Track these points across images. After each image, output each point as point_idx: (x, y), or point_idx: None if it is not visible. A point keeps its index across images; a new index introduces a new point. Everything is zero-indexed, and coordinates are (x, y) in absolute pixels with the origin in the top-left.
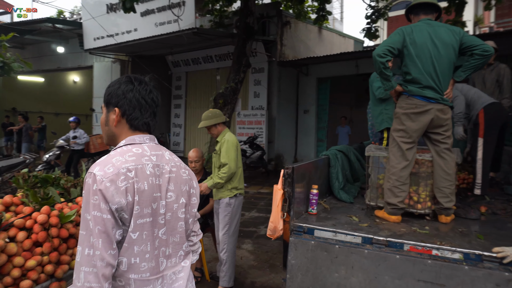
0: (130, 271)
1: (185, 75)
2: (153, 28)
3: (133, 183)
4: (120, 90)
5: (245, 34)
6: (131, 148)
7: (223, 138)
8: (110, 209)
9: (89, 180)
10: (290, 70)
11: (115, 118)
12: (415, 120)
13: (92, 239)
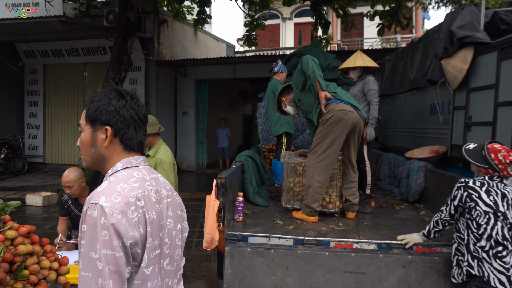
0: None
1: (43, 67)
2: (3, 10)
3: (143, 213)
4: (111, 105)
5: (125, 29)
6: (132, 173)
7: (157, 156)
8: (123, 245)
9: (93, 213)
10: (168, 70)
11: (106, 138)
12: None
13: (102, 282)
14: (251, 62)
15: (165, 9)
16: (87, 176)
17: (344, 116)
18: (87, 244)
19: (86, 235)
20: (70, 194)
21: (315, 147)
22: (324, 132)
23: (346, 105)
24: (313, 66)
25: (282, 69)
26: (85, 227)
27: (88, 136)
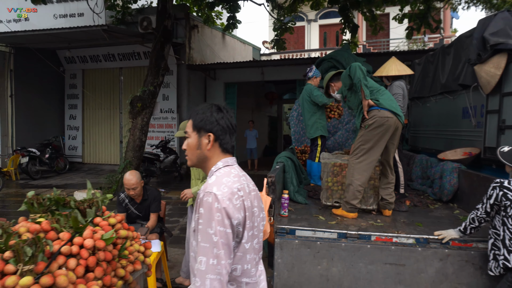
0: (243, 275)
1: (82, 72)
2: (51, 20)
3: (243, 201)
4: (213, 117)
5: (163, 37)
6: (230, 170)
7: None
8: (232, 224)
9: (209, 199)
10: (198, 74)
11: (209, 142)
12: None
13: (216, 251)
14: (279, 65)
15: (195, 15)
16: None
17: (385, 123)
18: (205, 222)
19: (203, 216)
20: (133, 195)
21: (357, 149)
22: (366, 136)
23: (387, 112)
24: (360, 76)
25: (316, 74)
26: (202, 209)
27: (195, 141)
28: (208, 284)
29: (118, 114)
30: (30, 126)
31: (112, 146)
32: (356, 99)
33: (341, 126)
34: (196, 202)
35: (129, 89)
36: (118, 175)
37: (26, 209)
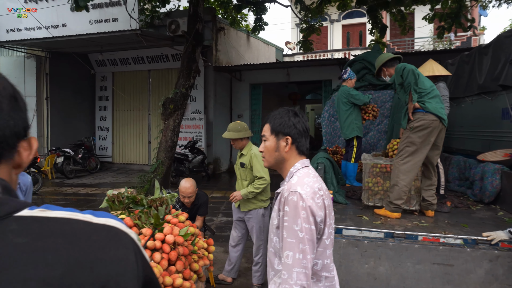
0: (323, 270)
1: (111, 75)
2: (87, 25)
3: (323, 200)
4: (290, 121)
5: (194, 40)
6: (308, 171)
7: (250, 152)
8: (315, 221)
9: (294, 198)
10: (224, 75)
11: (287, 145)
12: (430, 132)
13: (302, 246)
14: (304, 66)
15: (222, 18)
16: (160, 174)
17: (430, 125)
18: (290, 219)
19: (289, 213)
20: (187, 202)
21: (402, 150)
22: (411, 138)
23: (432, 116)
24: (411, 81)
25: (351, 76)
26: (288, 208)
27: (273, 143)
28: (294, 277)
29: (147, 115)
30: (63, 127)
31: (140, 146)
32: (405, 96)
33: (372, 127)
34: (279, 200)
35: (157, 91)
36: (150, 174)
37: (108, 206)
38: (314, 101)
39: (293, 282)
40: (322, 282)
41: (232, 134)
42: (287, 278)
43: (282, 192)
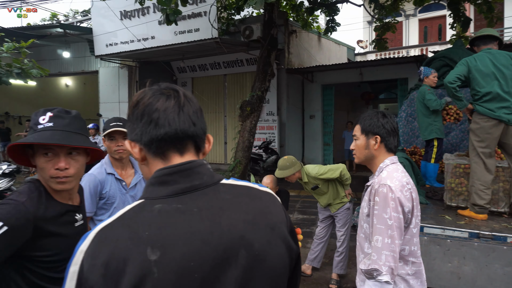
0: (410, 255)
1: (191, 80)
2: (172, 36)
3: (411, 192)
4: (379, 122)
5: (270, 45)
6: (396, 166)
7: (310, 175)
8: (403, 211)
9: (384, 190)
10: (296, 77)
11: (376, 143)
12: (488, 132)
13: (390, 232)
14: (378, 65)
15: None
16: (237, 173)
17: (485, 126)
18: (380, 208)
19: (379, 203)
20: None
21: (472, 150)
22: (471, 139)
23: (486, 117)
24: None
25: (426, 74)
26: (378, 198)
27: (363, 142)
28: (383, 258)
29: (223, 117)
30: None
31: (217, 147)
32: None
33: (455, 126)
34: (369, 192)
35: (232, 94)
36: (228, 173)
37: None
38: (388, 100)
39: (382, 263)
40: (409, 266)
41: (285, 173)
42: (376, 259)
43: (372, 185)
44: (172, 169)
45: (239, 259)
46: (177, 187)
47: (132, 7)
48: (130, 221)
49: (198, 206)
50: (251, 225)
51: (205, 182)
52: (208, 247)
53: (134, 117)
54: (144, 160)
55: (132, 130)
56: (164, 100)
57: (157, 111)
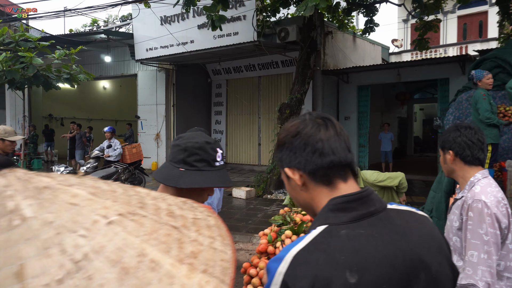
0: (505, 271)
1: (225, 82)
2: (211, 40)
3: (506, 208)
4: (451, 136)
5: (309, 47)
6: (489, 181)
7: (365, 181)
8: (500, 227)
9: (479, 205)
10: (331, 78)
11: (451, 157)
12: None
13: (487, 248)
14: (416, 65)
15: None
16: (275, 175)
17: None
18: (475, 224)
19: (473, 218)
20: None
21: None
22: None
23: None
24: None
25: (479, 77)
26: (471, 213)
27: (442, 157)
28: (479, 273)
29: (257, 119)
30: (185, 130)
31: (251, 148)
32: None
33: (507, 129)
34: (461, 206)
35: (267, 96)
36: (266, 175)
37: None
38: (423, 101)
39: (478, 278)
40: (504, 281)
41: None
42: (472, 274)
43: (465, 199)
44: (351, 197)
45: (420, 282)
46: (356, 213)
47: (172, 12)
48: (324, 246)
49: (377, 231)
50: (426, 249)
51: (378, 208)
52: (395, 271)
53: (296, 146)
54: (303, 186)
55: (293, 158)
56: (325, 130)
57: (320, 141)
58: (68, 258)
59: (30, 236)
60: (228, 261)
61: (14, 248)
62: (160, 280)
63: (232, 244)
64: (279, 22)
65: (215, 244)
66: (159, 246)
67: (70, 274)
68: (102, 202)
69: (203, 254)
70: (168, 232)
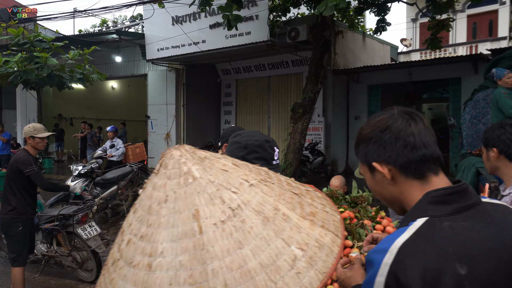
0: None
1: (235, 82)
2: (223, 40)
3: None
4: (494, 134)
5: (322, 47)
6: None
7: None
8: None
9: None
10: (341, 78)
11: (494, 155)
12: None
13: None
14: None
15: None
16: (288, 175)
17: None
18: None
19: None
20: None
21: None
22: None
23: None
24: None
25: (500, 75)
26: None
27: (485, 155)
28: None
29: (267, 119)
30: (196, 130)
31: None
32: None
33: None
34: (510, 203)
35: (277, 95)
36: None
37: None
38: (433, 100)
39: None
40: None
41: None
42: None
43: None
44: (451, 189)
45: None
46: (456, 206)
47: (184, 12)
48: (429, 237)
49: (478, 224)
50: None
51: (476, 201)
52: (501, 263)
53: (385, 140)
54: (391, 180)
55: (382, 153)
56: (415, 124)
57: (412, 135)
58: (227, 206)
59: (200, 190)
60: (338, 221)
61: (189, 198)
62: (291, 228)
63: (338, 211)
64: (289, 22)
65: (326, 209)
66: (287, 205)
67: (230, 217)
68: (242, 171)
69: (319, 214)
70: (291, 196)
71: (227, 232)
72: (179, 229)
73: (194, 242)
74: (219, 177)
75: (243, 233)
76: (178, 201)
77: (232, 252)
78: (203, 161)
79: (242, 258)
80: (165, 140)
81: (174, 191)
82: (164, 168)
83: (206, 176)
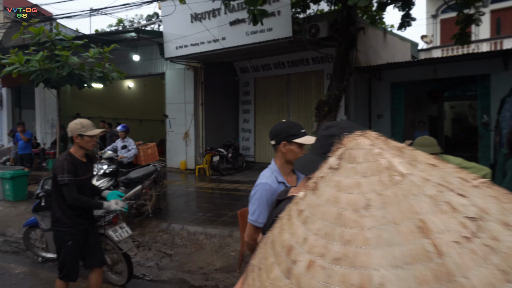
0: None
1: (253, 80)
2: (244, 37)
3: None
4: None
5: (348, 43)
6: None
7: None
8: None
9: None
10: (363, 75)
11: None
12: None
13: None
14: (453, 61)
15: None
16: None
17: None
18: None
19: None
20: None
21: None
22: None
23: None
24: None
25: None
26: None
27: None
28: None
29: (286, 118)
30: (215, 129)
31: None
32: None
33: None
34: None
35: (296, 93)
36: None
37: None
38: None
39: None
40: None
41: (422, 150)
42: None
43: None
44: None
45: None
46: None
47: (203, 9)
48: None
49: None
50: None
51: None
52: None
53: None
54: None
55: None
56: None
57: None
58: (462, 216)
59: (416, 192)
60: None
61: (404, 202)
62: None
63: None
64: (309, 18)
65: None
66: None
67: (473, 233)
68: (447, 167)
69: None
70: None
71: (480, 256)
72: (402, 249)
73: (433, 269)
74: (433, 173)
75: (505, 257)
76: (389, 207)
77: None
78: (402, 151)
79: None
80: (184, 140)
81: (378, 193)
82: (349, 161)
83: (416, 172)
